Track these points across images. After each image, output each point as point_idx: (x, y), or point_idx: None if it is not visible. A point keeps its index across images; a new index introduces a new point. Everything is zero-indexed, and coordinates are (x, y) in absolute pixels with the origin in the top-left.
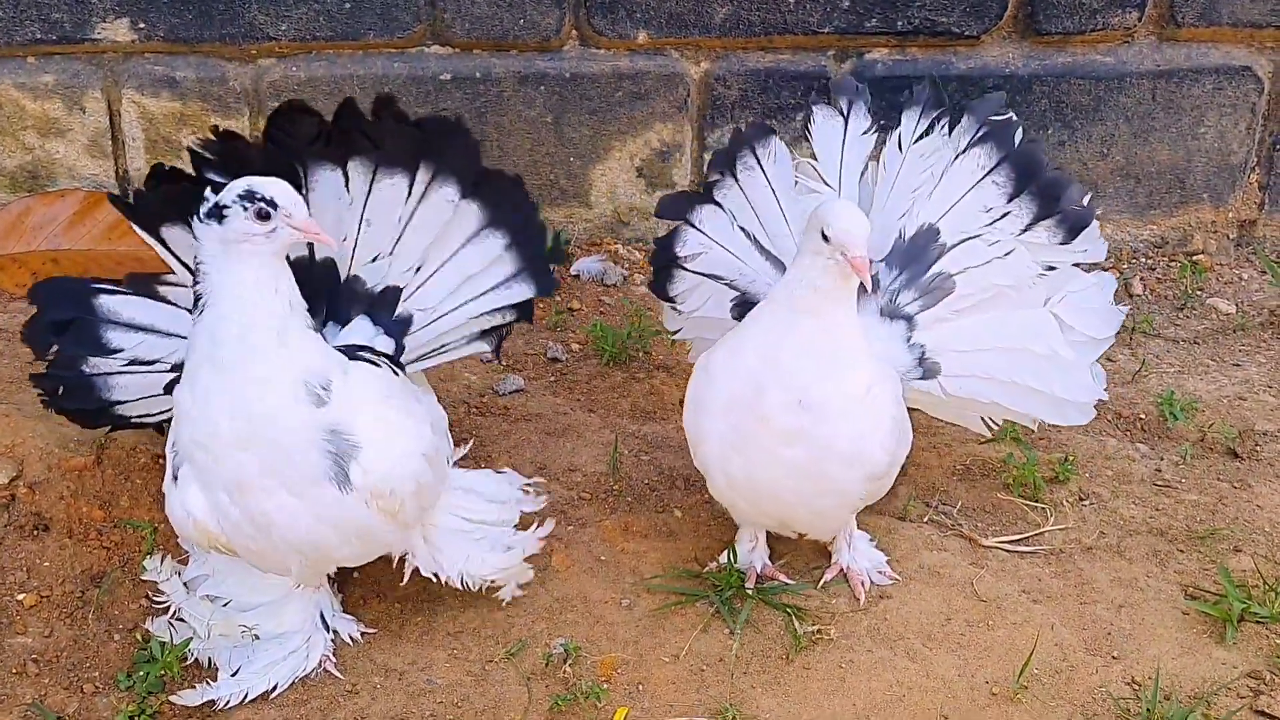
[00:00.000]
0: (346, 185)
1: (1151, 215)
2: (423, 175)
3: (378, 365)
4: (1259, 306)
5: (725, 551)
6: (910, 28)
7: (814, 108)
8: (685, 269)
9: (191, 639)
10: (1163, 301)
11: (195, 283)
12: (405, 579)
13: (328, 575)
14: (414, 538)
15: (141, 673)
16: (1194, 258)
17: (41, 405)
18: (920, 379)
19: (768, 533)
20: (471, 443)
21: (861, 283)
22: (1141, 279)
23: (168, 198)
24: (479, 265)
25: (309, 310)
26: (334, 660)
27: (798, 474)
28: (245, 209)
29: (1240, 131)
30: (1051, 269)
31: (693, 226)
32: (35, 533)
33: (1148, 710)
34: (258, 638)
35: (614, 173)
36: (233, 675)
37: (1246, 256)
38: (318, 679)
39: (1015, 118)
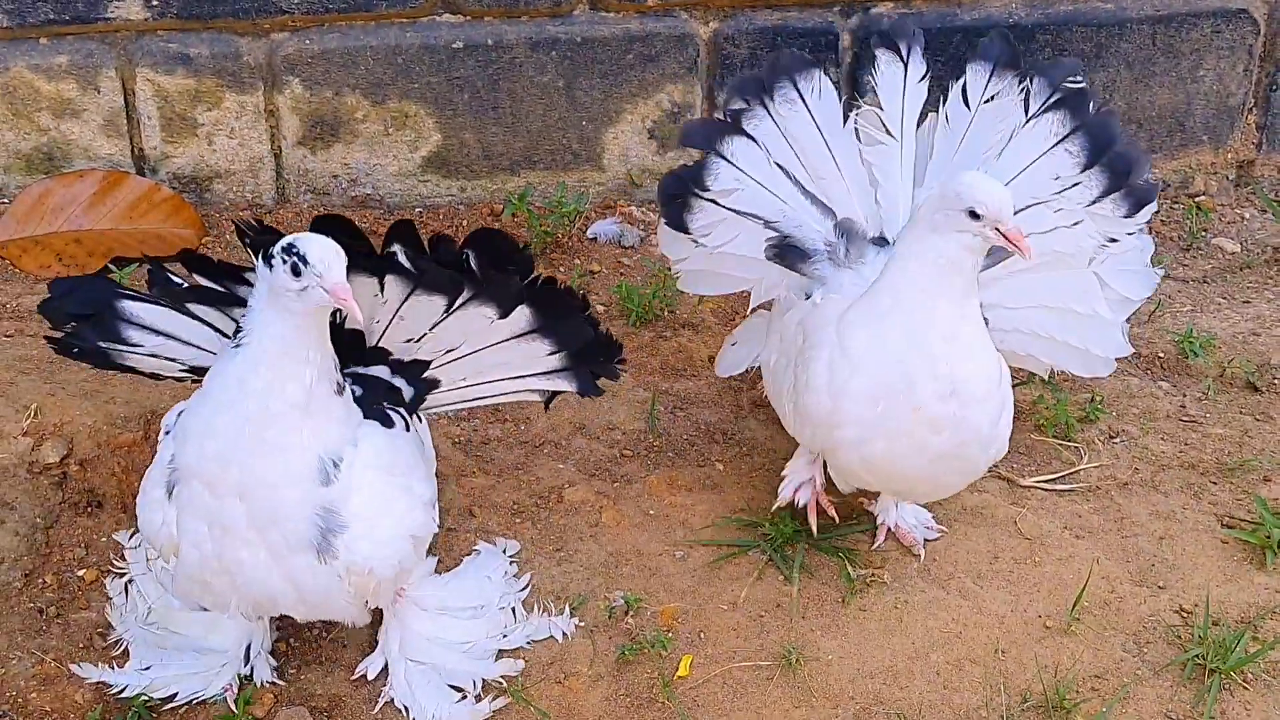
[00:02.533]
0: (381, 291)
1: (1154, 158)
2: (463, 297)
3: (391, 422)
4: (1262, 244)
5: (790, 486)
6: None
7: (876, 51)
8: (716, 203)
9: (111, 620)
10: (1169, 243)
11: (244, 315)
12: (377, 707)
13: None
14: (390, 644)
15: None
16: (1196, 199)
17: (51, 349)
18: None
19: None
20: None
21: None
22: (1148, 221)
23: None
24: (520, 359)
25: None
26: (235, 693)
27: (940, 457)
28: (284, 261)
29: (1238, 73)
30: (1113, 240)
31: (724, 159)
32: (89, 509)
33: (1199, 636)
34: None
35: (626, 135)
36: (141, 669)
37: (1246, 196)
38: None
39: (1089, 86)
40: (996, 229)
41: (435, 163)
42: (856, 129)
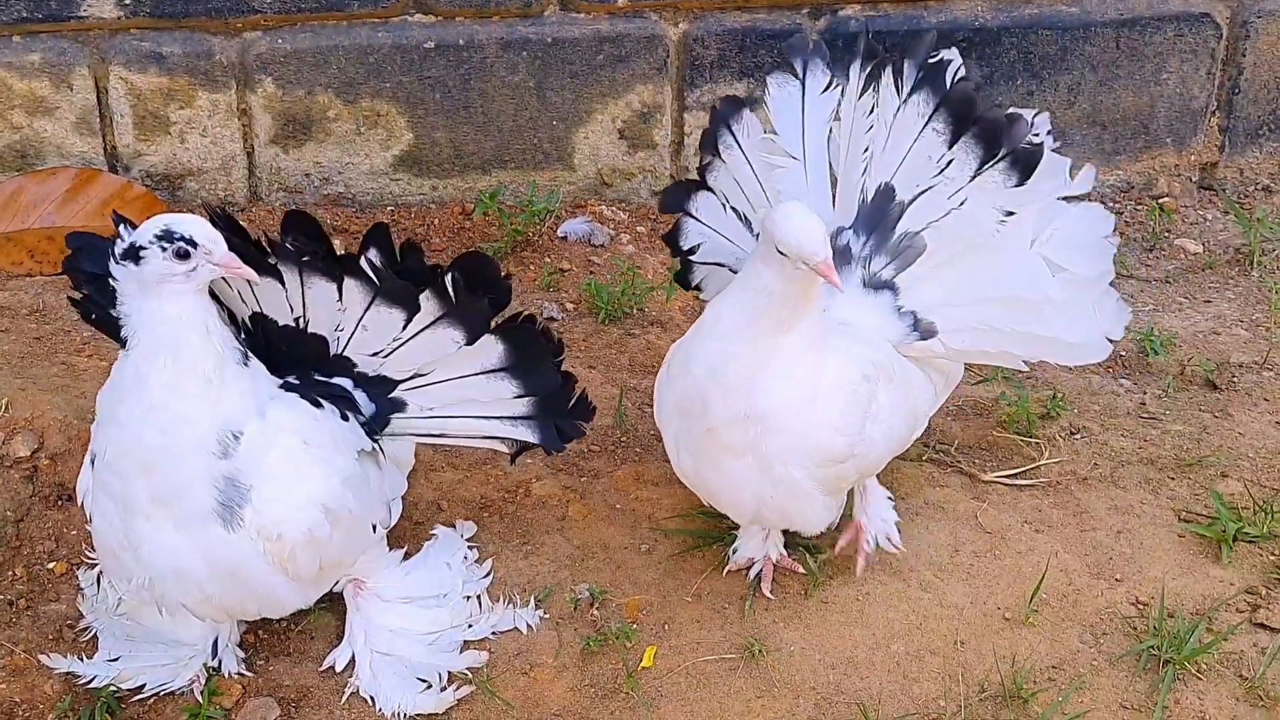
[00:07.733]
0: (340, 298)
1: (1118, 160)
2: (431, 315)
3: (320, 405)
4: (1224, 245)
5: (742, 556)
6: None
7: (767, 78)
8: (693, 261)
9: (82, 610)
10: (1133, 243)
11: (120, 325)
12: (344, 698)
13: None
14: (355, 636)
15: None
16: (1160, 200)
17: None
18: (919, 340)
19: None
20: None
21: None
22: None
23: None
24: (488, 398)
25: (291, 364)
26: (201, 685)
27: (747, 481)
28: (164, 249)
29: (1201, 77)
30: (1010, 214)
31: (691, 217)
32: (60, 502)
33: (1154, 628)
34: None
35: (596, 135)
36: (110, 660)
37: (1209, 198)
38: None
39: (949, 56)
40: (805, 264)
41: (407, 162)
42: (750, 159)
